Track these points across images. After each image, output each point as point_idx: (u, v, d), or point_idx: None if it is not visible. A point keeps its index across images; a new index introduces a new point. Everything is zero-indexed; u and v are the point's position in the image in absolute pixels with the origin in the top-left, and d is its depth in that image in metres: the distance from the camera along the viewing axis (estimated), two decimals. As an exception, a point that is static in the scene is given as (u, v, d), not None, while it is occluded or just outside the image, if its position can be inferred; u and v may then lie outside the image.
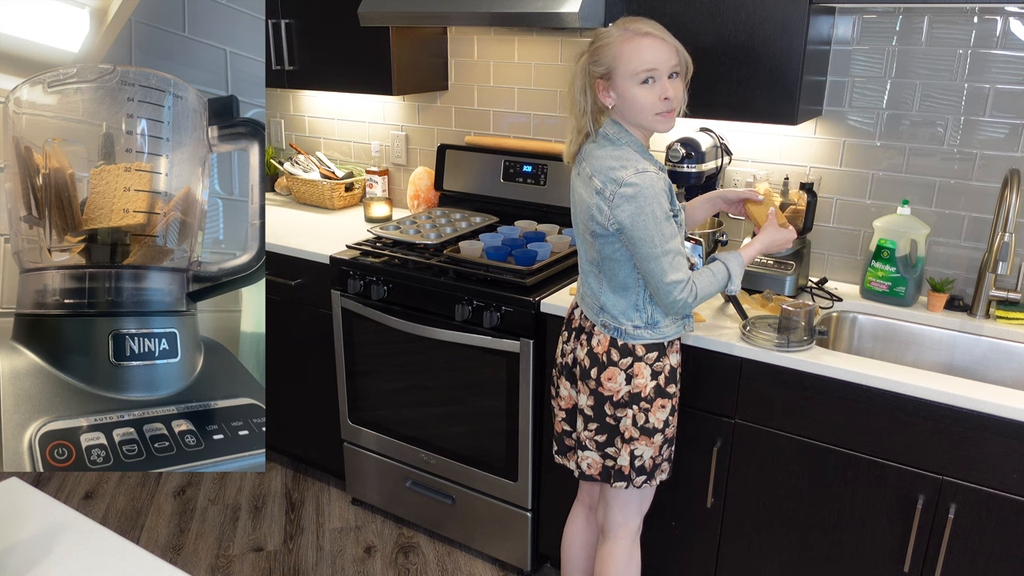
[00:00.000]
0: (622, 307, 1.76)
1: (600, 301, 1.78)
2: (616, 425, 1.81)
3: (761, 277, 2.21)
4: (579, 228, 1.79)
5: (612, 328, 1.77)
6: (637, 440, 1.80)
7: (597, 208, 1.67)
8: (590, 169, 1.71)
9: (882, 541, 1.86)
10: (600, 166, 1.68)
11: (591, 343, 1.80)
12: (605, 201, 1.65)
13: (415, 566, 2.55)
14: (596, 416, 1.81)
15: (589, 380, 1.80)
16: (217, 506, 2.87)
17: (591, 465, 1.86)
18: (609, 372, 1.77)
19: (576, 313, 1.89)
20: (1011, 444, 1.65)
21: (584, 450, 1.86)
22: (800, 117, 2.04)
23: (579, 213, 1.76)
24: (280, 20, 2.85)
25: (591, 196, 1.69)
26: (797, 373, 1.86)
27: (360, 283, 2.50)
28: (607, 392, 1.79)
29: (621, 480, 1.83)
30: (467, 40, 2.87)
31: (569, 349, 1.88)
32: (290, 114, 3.49)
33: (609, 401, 1.79)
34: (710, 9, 2.03)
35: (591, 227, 1.71)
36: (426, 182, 2.99)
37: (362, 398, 2.65)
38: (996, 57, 2.00)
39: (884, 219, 2.14)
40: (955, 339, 2.07)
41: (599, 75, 1.68)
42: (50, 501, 1.33)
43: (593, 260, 1.77)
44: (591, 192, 1.69)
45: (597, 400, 1.80)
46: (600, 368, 1.78)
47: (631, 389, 1.78)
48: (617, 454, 1.82)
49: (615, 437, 1.82)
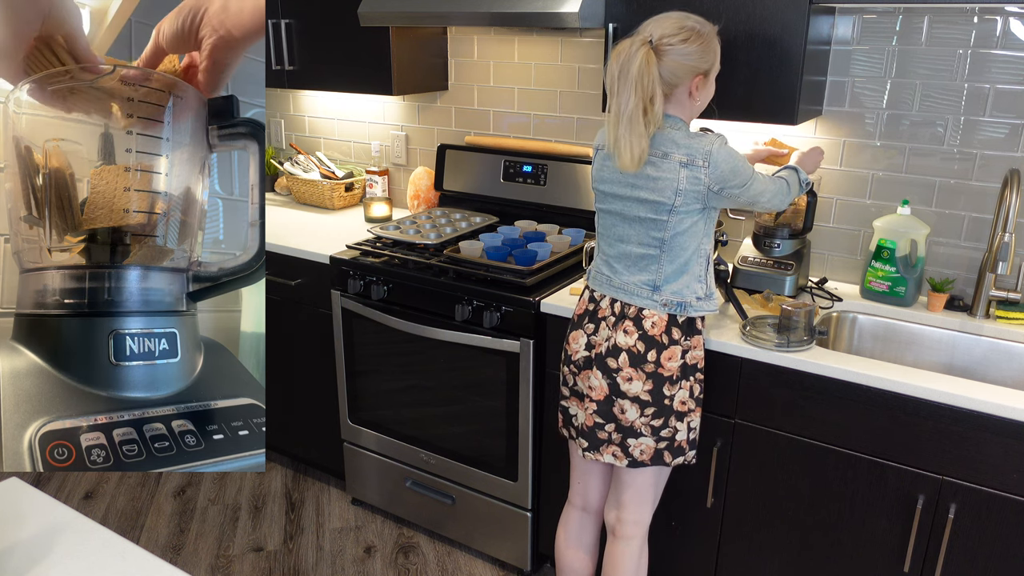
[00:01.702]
0: (686, 281, 1.79)
1: (655, 283, 1.79)
2: (671, 404, 1.81)
3: (761, 277, 2.21)
4: (638, 210, 1.77)
5: (675, 304, 1.78)
6: (694, 411, 1.84)
7: (689, 179, 1.69)
8: (657, 149, 1.72)
9: (882, 541, 1.86)
10: (671, 145, 1.71)
11: (642, 327, 1.78)
12: (698, 169, 1.69)
13: (415, 566, 2.55)
14: (655, 399, 1.80)
15: (646, 364, 1.78)
16: (217, 506, 2.87)
17: (644, 451, 1.84)
18: (669, 352, 1.79)
19: (604, 304, 1.85)
20: (1011, 444, 1.65)
21: (639, 437, 1.83)
22: (800, 117, 2.04)
23: (650, 194, 1.74)
24: (280, 20, 2.85)
25: (673, 172, 1.70)
26: (797, 373, 1.86)
27: (360, 283, 2.50)
28: (667, 372, 1.79)
29: (679, 455, 1.86)
30: (467, 40, 2.87)
31: (603, 338, 1.83)
32: (290, 114, 3.49)
33: (668, 381, 1.80)
34: (710, 9, 2.03)
35: (673, 203, 1.72)
36: (426, 182, 2.99)
37: (362, 398, 2.65)
38: (996, 57, 2.00)
39: (884, 219, 2.14)
40: (955, 339, 2.07)
41: (703, 71, 1.72)
42: (50, 501, 1.33)
43: (656, 241, 1.77)
44: (673, 167, 1.70)
45: (656, 383, 1.79)
46: (659, 349, 1.78)
47: (687, 362, 1.81)
48: (673, 433, 1.83)
49: (670, 416, 1.82)
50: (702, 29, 1.69)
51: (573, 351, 1.91)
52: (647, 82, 1.64)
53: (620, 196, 1.80)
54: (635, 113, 1.65)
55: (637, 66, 1.63)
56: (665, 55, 1.66)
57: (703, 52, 1.69)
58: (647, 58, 1.63)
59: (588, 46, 2.60)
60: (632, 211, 1.78)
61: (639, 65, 1.63)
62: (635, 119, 1.66)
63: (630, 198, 1.78)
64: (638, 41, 1.65)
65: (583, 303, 1.91)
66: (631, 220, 1.79)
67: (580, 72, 2.64)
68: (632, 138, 1.67)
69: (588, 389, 1.87)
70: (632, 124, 1.66)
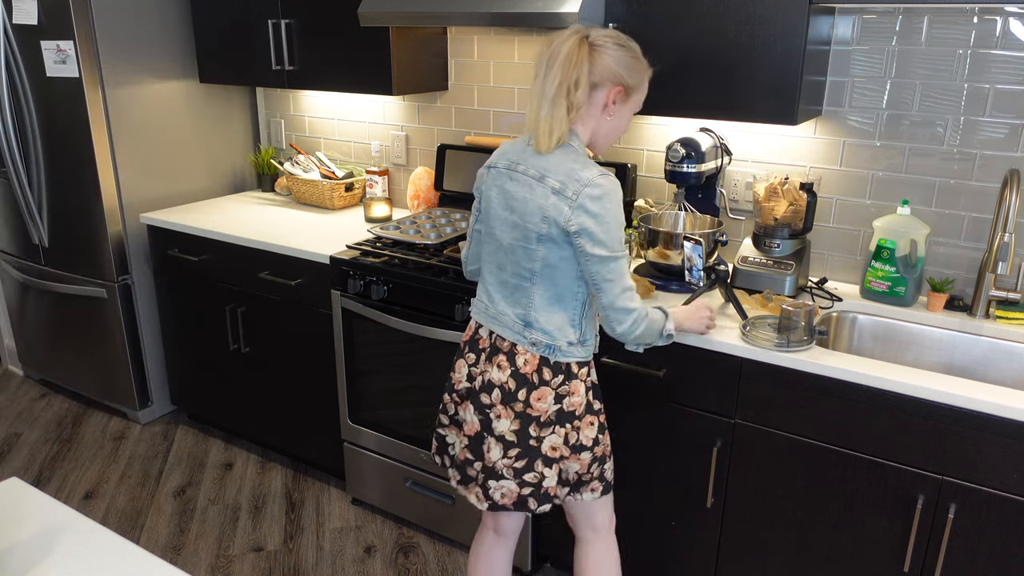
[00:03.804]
0: (557, 323, 1.69)
1: (530, 317, 1.69)
2: (539, 447, 1.72)
3: (761, 277, 2.21)
4: (510, 234, 1.69)
5: (543, 346, 1.69)
6: (567, 458, 1.75)
7: (555, 208, 1.60)
8: (537, 170, 1.64)
9: (882, 541, 1.86)
10: (557, 167, 1.62)
11: (515, 363, 1.70)
12: (566, 201, 1.59)
13: (415, 566, 2.55)
14: (520, 440, 1.71)
15: (515, 403, 1.70)
16: (217, 506, 2.87)
17: (506, 495, 1.74)
18: (539, 392, 1.70)
19: (483, 332, 1.78)
20: (1011, 444, 1.65)
21: (499, 479, 1.73)
22: (800, 117, 2.04)
23: (519, 217, 1.66)
24: (280, 20, 2.85)
25: (544, 197, 1.61)
26: (797, 373, 1.86)
27: (360, 283, 2.50)
28: (535, 413, 1.70)
29: (546, 503, 1.75)
30: (467, 40, 2.87)
31: (478, 372, 1.76)
32: (290, 114, 3.49)
33: (535, 422, 1.71)
34: (710, 9, 2.03)
35: (540, 230, 1.63)
36: (426, 182, 2.99)
37: (362, 398, 2.65)
38: (996, 57, 2.00)
39: (884, 219, 2.14)
40: (955, 339, 2.07)
41: (627, 85, 1.66)
42: (50, 501, 1.33)
43: (528, 271, 1.68)
44: (545, 193, 1.61)
45: (523, 423, 1.71)
46: (529, 388, 1.70)
47: (562, 407, 1.72)
48: (539, 479, 1.73)
49: (536, 460, 1.72)
50: (638, 53, 1.68)
51: (456, 380, 1.83)
52: (573, 68, 1.59)
53: (500, 219, 1.71)
54: (558, 94, 1.59)
55: (567, 49, 1.59)
56: (597, 52, 1.61)
57: (634, 66, 1.65)
58: (579, 45, 1.60)
59: (588, 46, 2.60)
60: (506, 236, 1.70)
61: (569, 49, 1.59)
62: (557, 100, 1.59)
63: (505, 222, 1.70)
64: (572, 31, 1.63)
65: (467, 332, 1.84)
66: (506, 248, 1.71)
67: (580, 72, 2.64)
68: (553, 121, 1.61)
69: (459, 424, 1.81)
70: (554, 105, 1.60)
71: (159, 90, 3.17)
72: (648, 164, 2.58)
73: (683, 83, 2.13)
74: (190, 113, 3.31)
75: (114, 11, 2.96)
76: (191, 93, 3.29)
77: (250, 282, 2.86)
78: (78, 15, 2.86)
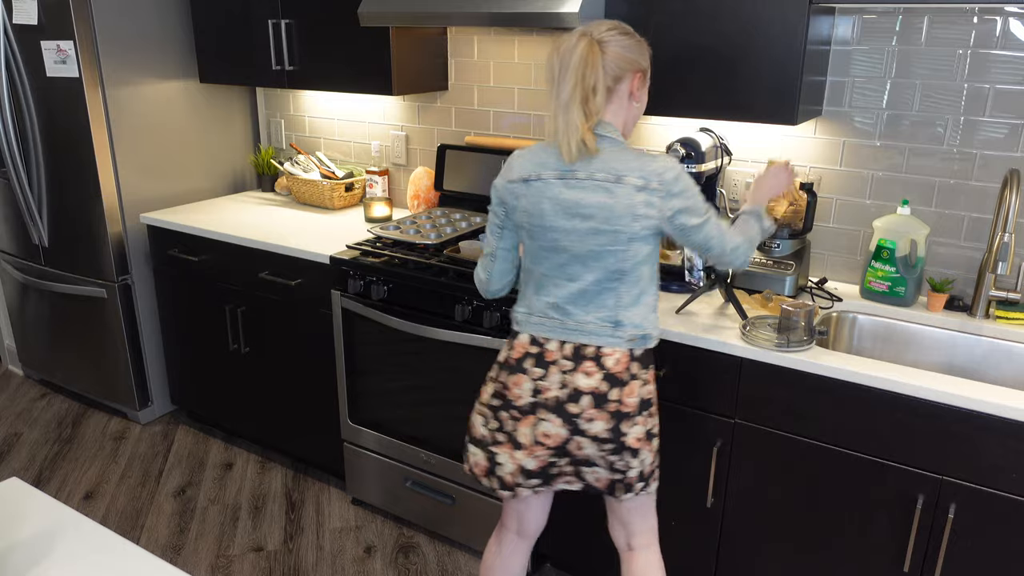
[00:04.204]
0: (643, 313, 1.71)
1: (619, 316, 1.69)
2: (626, 439, 1.73)
3: (761, 277, 2.21)
4: (590, 242, 1.66)
5: (637, 339, 1.70)
6: (648, 448, 1.76)
7: (645, 204, 1.62)
8: (606, 172, 1.63)
9: (882, 541, 1.86)
10: (625, 165, 1.63)
11: (604, 365, 1.69)
12: (655, 194, 1.62)
13: (415, 566, 2.55)
14: (613, 437, 1.71)
15: (607, 404, 1.70)
16: (217, 506, 2.87)
17: (599, 479, 1.77)
18: (629, 387, 1.70)
19: (550, 346, 1.73)
20: (1011, 444, 1.65)
21: (592, 466, 1.75)
22: (800, 117, 2.04)
23: (600, 223, 1.64)
24: (280, 20, 2.85)
25: (630, 196, 1.61)
26: (797, 373, 1.86)
27: (360, 283, 2.50)
28: (626, 408, 1.71)
29: (629, 492, 1.78)
30: (467, 40, 2.87)
31: (555, 383, 1.71)
32: (290, 114, 3.49)
33: (626, 417, 1.71)
34: (711, 9, 2.03)
35: (631, 230, 1.63)
36: (426, 182, 2.99)
37: (362, 398, 2.65)
38: (996, 57, 2.00)
39: (884, 219, 2.14)
40: (955, 339, 2.07)
41: (643, 68, 1.69)
42: (50, 501, 1.33)
43: (618, 273, 1.67)
44: (628, 192, 1.61)
45: (616, 420, 1.71)
46: (620, 387, 1.70)
47: (643, 397, 1.73)
48: (626, 468, 1.75)
49: (624, 451, 1.73)
50: (634, 32, 1.69)
51: (515, 396, 1.75)
52: (589, 71, 1.59)
53: (566, 230, 1.67)
54: (571, 100, 1.60)
55: (579, 55, 1.59)
56: (606, 46, 1.62)
57: (642, 48, 1.68)
58: (589, 47, 1.60)
59: (588, 46, 2.60)
60: (581, 245, 1.67)
61: (580, 53, 1.59)
62: (571, 107, 1.60)
63: (575, 231, 1.66)
64: (577, 34, 1.62)
65: (520, 347, 1.76)
66: (582, 256, 1.67)
67: (580, 72, 2.64)
68: (570, 129, 1.61)
69: (543, 436, 1.74)
70: (568, 113, 1.60)
71: (159, 90, 3.17)
72: (648, 164, 2.58)
73: (683, 83, 2.13)
74: (190, 113, 3.31)
75: (114, 11, 2.96)
76: (191, 93, 3.29)
77: (250, 282, 2.86)
78: (78, 15, 2.86)
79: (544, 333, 1.74)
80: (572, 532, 2.35)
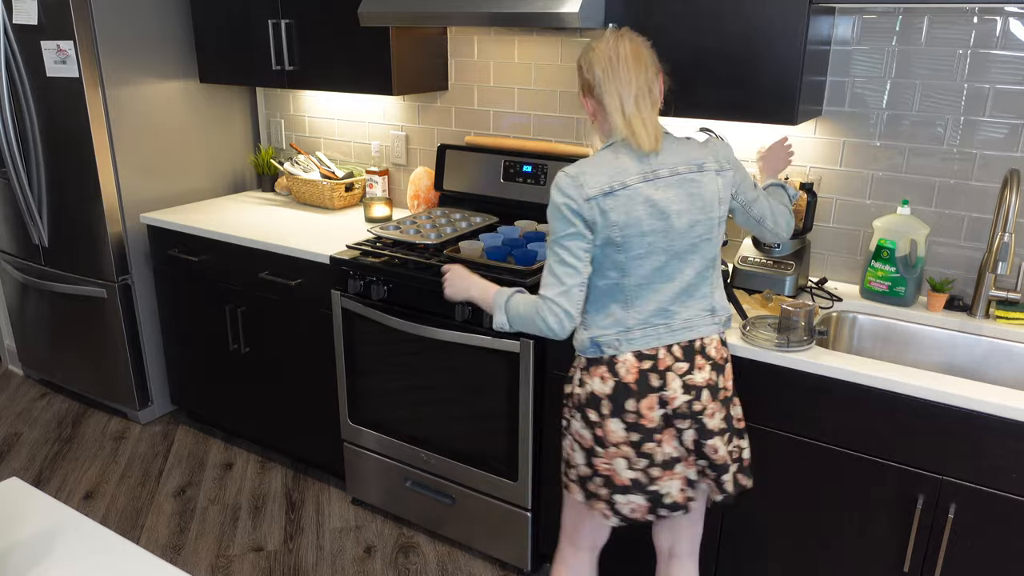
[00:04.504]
0: (722, 294, 1.73)
1: (713, 302, 1.70)
2: (735, 423, 1.73)
3: (761, 277, 2.21)
4: (688, 236, 1.63)
5: (726, 320, 1.73)
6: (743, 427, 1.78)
7: (724, 185, 1.67)
8: (687, 164, 1.63)
9: (882, 541, 1.86)
10: (697, 154, 1.66)
11: (710, 356, 1.68)
12: (726, 173, 1.69)
13: (415, 566, 2.55)
14: (728, 425, 1.71)
15: (719, 392, 1.69)
16: (217, 506, 2.87)
17: (735, 481, 1.74)
18: (728, 371, 1.73)
19: (661, 354, 1.65)
20: (1011, 444, 1.65)
21: (727, 470, 1.71)
22: (800, 117, 2.04)
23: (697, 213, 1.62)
24: (280, 20, 2.85)
25: (713, 181, 1.65)
26: (797, 373, 1.86)
27: (360, 283, 2.50)
28: (729, 392, 1.72)
29: (747, 478, 1.77)
30: (467, 40, 2.87)
31: (679, 388, 1.65)
32: (290, 114, 3.49)
33: (731, 401, 1.72)
34: (711, 9, 2.03)
35: (720, 213, 1.66)
36: (426, 182, 2.99)
37: (362, 398, 2.65)
38: (996, 57, 2.00)
39: (884, 219, 2.14)
40: (955, 339, 2.07)
41: (664, 69, 1.69)
42: (50, 501, 1.33)
43: (712, 259, 1.68)
44: (712, 178, 1.65)
45: (726, 408, 1.71)
46: (722, 373, 1.71)
47: (732, 378, 1.76)
48: (740, 450, 1.75)
49: (734, 435, 1.73)
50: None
51: (650, 419, 1.64)
52: (643, 65, 1.60)
53: (663, 231, 1.61)
54: (640, 94, 1.59)
55: (630, 51, 1.59)
56: (642, 47, 1.62)
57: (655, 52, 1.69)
58: (636, 45, 1.60)
59: (588, 46, 2.60)
60: (680, 242, 1.63)
61: (631, 51, 1.59)
62: (641, 101, 1.59)
63: (671, 230, 1.62)
64: (614, 35, 1.61)
65: (631, 368, 1.64)
66: (682, 252, 1.64)
67: (580, 72, 2.64)
68: (647, 123, 1.60)
69: (692, 444, 1.68)
70: (640, 107, 1.60)
71: (159, 90, 3.17)
72: (648, 164, 2.58)
73: (683, 83, 2.13)
74: (190, 113, 3.31)
75: (114, 11, 2.96)
76: (191, 93, 3.29)
77: (250, 282, 2.86)
78: (78, 15, 2.86)
79: (650, 343, 1.65)
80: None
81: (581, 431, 1.70)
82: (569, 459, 1.77)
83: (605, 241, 1.61)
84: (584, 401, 1.68)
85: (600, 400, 1.65)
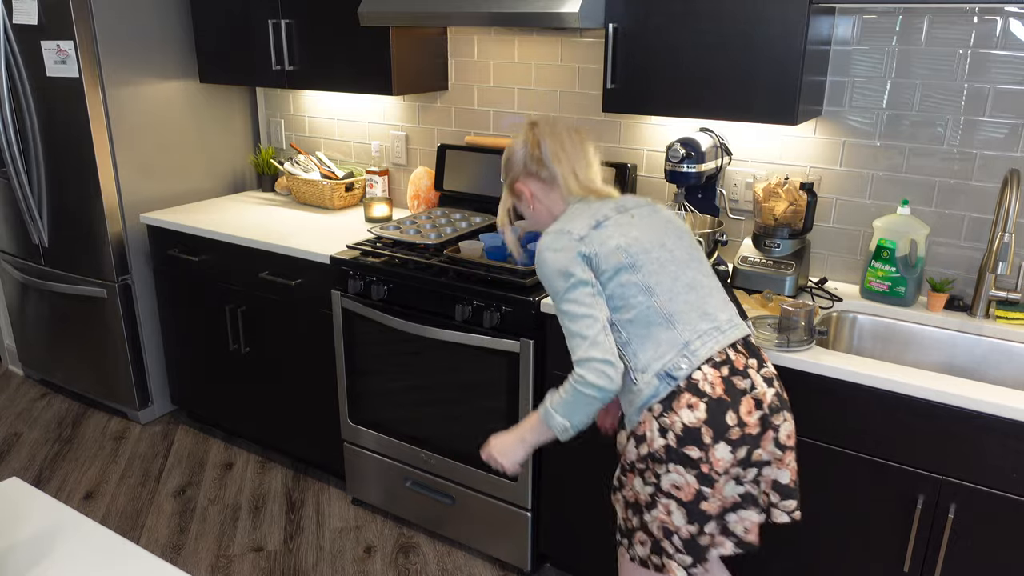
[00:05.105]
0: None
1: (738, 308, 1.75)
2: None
3: (761, 277, 2.21)
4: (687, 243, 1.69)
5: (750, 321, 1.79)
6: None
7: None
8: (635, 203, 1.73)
9: (882, 541, 1.86)
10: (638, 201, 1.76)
11: (760, 356, 1.66)
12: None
13: (415, 566, 2.55)
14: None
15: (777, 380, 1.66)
16: (217, 506, 2.87)
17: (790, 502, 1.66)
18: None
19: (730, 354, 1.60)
20: (1011, 444, 1.65)
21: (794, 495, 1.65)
22: (800, 117, 2.04)
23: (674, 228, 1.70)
24: (280, 20, 2.85)
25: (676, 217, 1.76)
26: (797, 373, 1.86)
27: (360, 283, 2.50)
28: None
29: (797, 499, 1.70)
30: (467, 40, 2.87)
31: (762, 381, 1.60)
32: (290, 114, 3.49)
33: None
34: (711, 9, 2.03)
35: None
36: (426, 182, 2.99)
37: (362, 398, 2.65)
38: (996, 57, 2.00)
39: (884, 219, 2.14)
40: (955, 339, 2.07)
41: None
42: (50, 501, 1.33)
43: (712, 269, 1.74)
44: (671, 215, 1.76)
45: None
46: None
47: None
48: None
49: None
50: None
51: (752, 425, 1.55)
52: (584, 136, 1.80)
53: (662, 243, 1.64)
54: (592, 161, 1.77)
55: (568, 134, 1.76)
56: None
57: None
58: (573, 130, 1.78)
59: (588, 46, 2.60)
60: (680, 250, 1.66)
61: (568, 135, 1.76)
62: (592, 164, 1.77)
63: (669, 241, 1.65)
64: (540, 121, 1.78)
65: (714, 380, 1.55)
66: (686, 259, 1.65)
67: (580, 72, 2.64)
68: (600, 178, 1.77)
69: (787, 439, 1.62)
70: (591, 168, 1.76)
71: (159, 90, 3.17)
72: (648, 164, 2.59)
73: (683, 83, 2.13)
74: (190, 113, 3.31)
75: (114, 11, 2.96)
76: (191, 93, 3.29)
77: (250, 282, 2.86)
78: (78, 15, 2.86)
79: (715, 348, 1.57)
80: (572, 532, 2.35)
81: (679, 481, 1.54)
82: (661, 533, 1.59)
83: (615, 270, 1.58)
84: (677, 442, 1.53)
85: (698, 431, 1.51)
